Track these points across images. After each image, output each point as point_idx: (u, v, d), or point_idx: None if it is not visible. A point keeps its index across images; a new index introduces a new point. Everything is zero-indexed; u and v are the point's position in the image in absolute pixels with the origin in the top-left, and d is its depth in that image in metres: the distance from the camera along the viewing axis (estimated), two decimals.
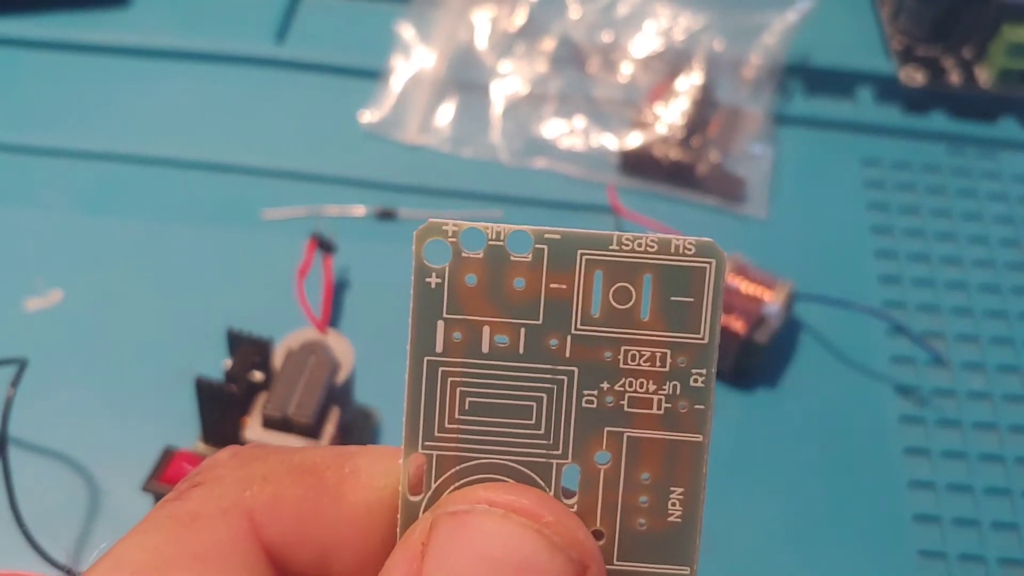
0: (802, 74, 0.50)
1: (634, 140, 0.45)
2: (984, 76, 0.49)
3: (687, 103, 0.46)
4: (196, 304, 0.40)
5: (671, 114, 0.46)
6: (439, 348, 0.15)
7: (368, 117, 0.47)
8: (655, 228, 0.41)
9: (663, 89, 0.47)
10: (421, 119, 0.47)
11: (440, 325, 0.15)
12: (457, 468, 0.16)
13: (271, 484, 0.16)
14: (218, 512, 0.16)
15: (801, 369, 0.39)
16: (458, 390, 0.15)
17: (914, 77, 0.49)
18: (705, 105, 0.46)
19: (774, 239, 0.44)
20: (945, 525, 0.35)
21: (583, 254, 0.15)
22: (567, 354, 0.15)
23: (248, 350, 0.33)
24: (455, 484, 0.16)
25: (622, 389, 0.15)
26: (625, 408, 0.16)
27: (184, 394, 0.34)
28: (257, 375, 0.33)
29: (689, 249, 0.15)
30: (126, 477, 0.34)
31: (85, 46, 0.49)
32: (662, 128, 0.45)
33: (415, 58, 0.49)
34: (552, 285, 0.15)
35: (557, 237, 0.15)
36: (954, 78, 0.49)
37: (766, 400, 0.38)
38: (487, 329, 0.15)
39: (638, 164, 0.45)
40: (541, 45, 0.50)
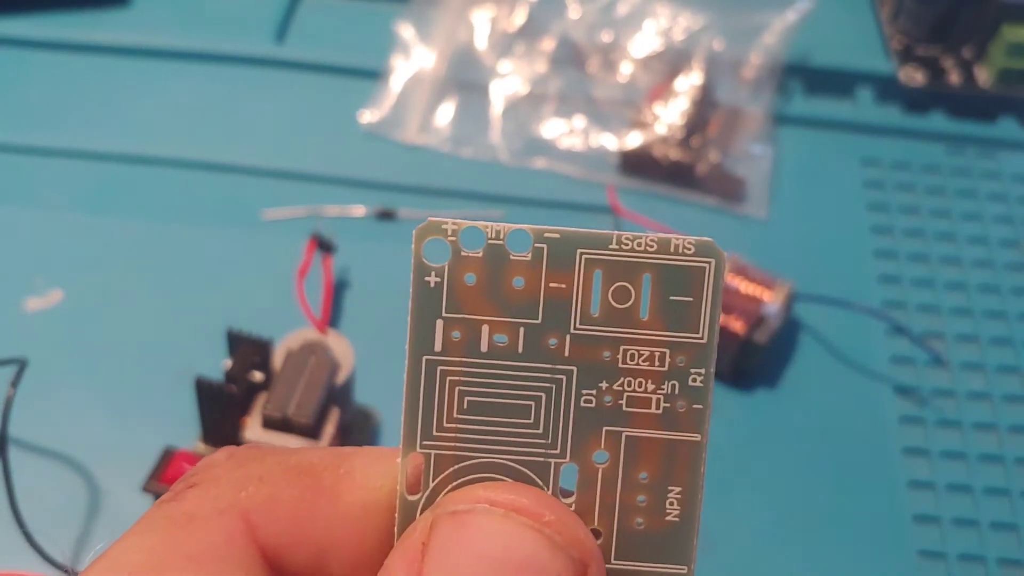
0: (802, 74, 0.50)
1: (634, 140, 0.45)
2: (984, 76, 0.49)
3: (687, 103, 0.46)
4: (196, 304, 0.40)
5: (671, 114, 0.46)
6: (438, 347, 0.15)
7: (368, 117, 0.47)
8: (655, 228, 0.40)
9: (663, 89, 0.47)
10: (421, 119, 0.47)
11: (439, 324, 0.15)
12: (455, 467, 0.16)
13: (267, 485, 0.16)
14: (214, 513, 0.16)
15: (801, 369, 0.39)
16: (457, 389, 0.15)
17: (914, 77, 0.49)
18: (705, 105, 0.46)
19: (774, 239, 0.44)
20: (945, 525, 0.35)
21: (583, 253, 0.15)
22: (566, 353, 0.15)
23: (248, 350, 0.33)
24: (453, 483, 0.16)
25: (621, 388, 0.15)
26: (624, 407, 0.16)
27: (184, 394, 0.34)
28: (257, 375, 0.33)
29: (688, 249, 0.15)
30: (126, 477, 0.34)
31: (85, 46, 0.49)
32: (662, 128, 0.45)
33: (415, 58, 0.49)
34: (551, 284, 0.15)
35: (557, 236, 0.15)
36: (954, 78, 0.49)
37: (766, 400, 0.38)
38: (486, 328, 0.15)
39: (638, 164, 0.45)
40: (541, 45, 0.50)
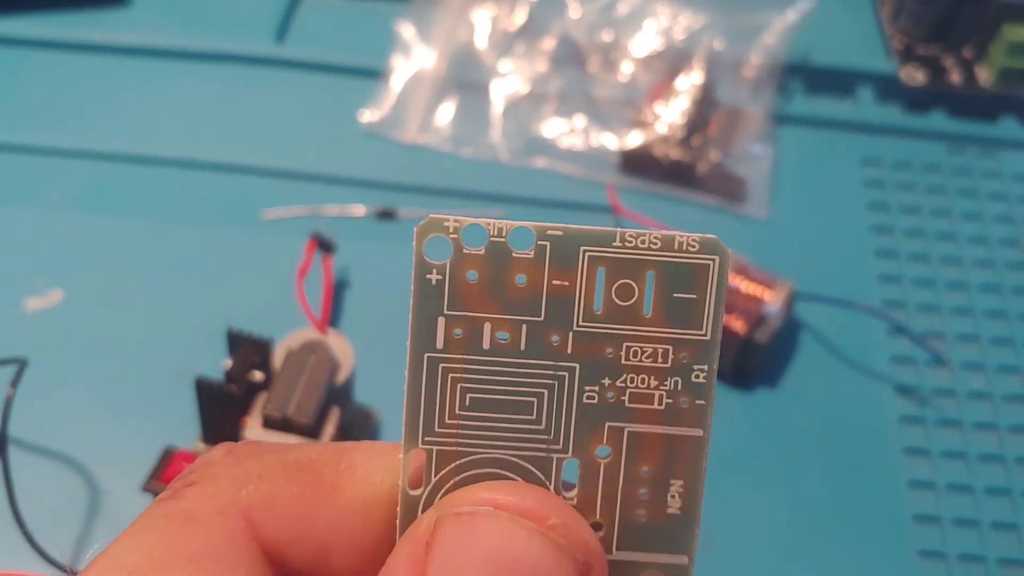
0: (802, 74, 0.50)
1: (634, 139, 0.45)
2: (984, 75, 0.49)
3: (687, 102, 0.46)
4: (196, 304, 0.40)
5: (671, 113, 0.46)
6: (440, 344, 0.15)
7: (368, 117, 0.47)
8: (656, 227, 0.40)
9: (663, 88, 0.47)
10: (421, 119, 0.47)
11: (441, 321, 0.15)
12: (457, 463, 0.16)
13: (267, 482, 0.16)
14: (213, 511, 0.16)
15: (801, 369, 0.39)
16: (459, 386, 0.15)
17: (914, 76, 0.49)
18: (705, 105, 0.46)
19: (774, 239, 0.44)
20: (945, 525, 0.35)
21: (586, 251, 0.15)
22: (569, 350, 0.15)
23: (248, 350, 0.33)
24: (455, 479, 0.16)
25: (623, 385, 0.15)
26: (626, 404, 0.15)
27: (184, 394, 0.34)
28: (257, 375, 0.33)
29: (693, 246, 0.15)
30: (126, 477, 0.34)
31: (85, 46, 0.49)
32: (662, 128, 0.45)
33: (415, 58, 0.49)
34: (554, 282, 0.15)
35: (559, 233, 0.15)
36: (954, 77, 0.49)
37: (766, 400, 0.38)
38: (488, 325, 0.15)
39: (638, 164, 0.45)
40: (541, 44, 0.50)
